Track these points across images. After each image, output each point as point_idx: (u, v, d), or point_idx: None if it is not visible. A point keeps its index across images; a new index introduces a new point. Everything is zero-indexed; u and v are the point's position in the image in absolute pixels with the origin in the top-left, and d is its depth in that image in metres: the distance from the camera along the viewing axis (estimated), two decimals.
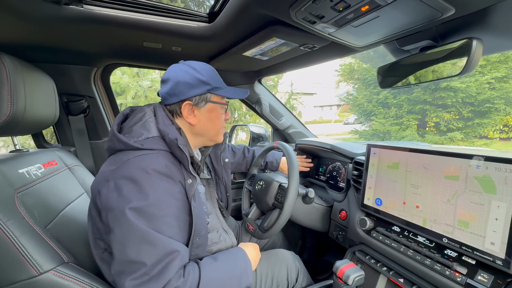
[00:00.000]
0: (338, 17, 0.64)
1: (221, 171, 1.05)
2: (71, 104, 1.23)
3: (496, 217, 0.58)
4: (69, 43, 0.99)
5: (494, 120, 7.11)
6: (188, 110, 0.75)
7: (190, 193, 0.68)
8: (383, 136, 8.19)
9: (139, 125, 0.72)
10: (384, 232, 0.85)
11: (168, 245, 0.59)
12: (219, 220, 0.90)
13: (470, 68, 0.62)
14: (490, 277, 0.59)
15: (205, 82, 0.74)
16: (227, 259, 0.72)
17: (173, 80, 0.73)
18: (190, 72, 0.74)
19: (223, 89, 0.79)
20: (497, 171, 0.59)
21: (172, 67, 0.77)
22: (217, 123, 0.81)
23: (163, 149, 0.69)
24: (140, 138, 0.68)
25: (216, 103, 0.78)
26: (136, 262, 0.57)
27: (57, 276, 0.61)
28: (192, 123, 0.77)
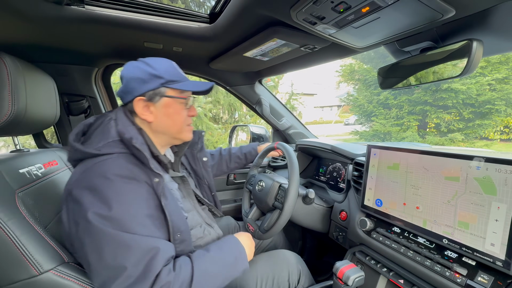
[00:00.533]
0: (339, 18, 0.64)
1: (201, 171, 1.03)
2: (72, 104, 1.23)
3: (496, 218, 0.58)
4: (70, 43, 1.00)
5: (494, 121, 7.11)
6: (143, 107, 0.72)
7: (158, 191, 0.65)
8: (383, 137, 8.19)
9: (98, 131, 0.69)
10: (384, 233, 0.85)
11: (144, 243, 0.58)
12: (201, 216, 0.88)
13: (470, 69, 0.62)
14: (490, 278, 0.59)
15: (158, 76, 0.70)
16: (219, 248, 0.71)
17: (125, 77, 0.71)
18: (142, 67, 0.71)
19: (181, 83, 0.75)
20: (497, 172, 0.59)
21: (127, 64, 0.74)
22: (177, 119, 0.76)
23: (123, 151, 0.66)
24: (99, 144, 0.65)
25: (172, 97, 0.74)
26: (116, 268, 0.55)
27: (57, 275, 0.61)
28: (149, 120, 0.73)
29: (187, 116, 0.80)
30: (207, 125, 4.42)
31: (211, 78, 1.49)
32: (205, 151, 1.06)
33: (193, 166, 1.03)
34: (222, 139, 4.70)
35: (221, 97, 4.99)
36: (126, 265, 0.55)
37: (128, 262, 0.55)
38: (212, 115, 5.19)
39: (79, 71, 1.21)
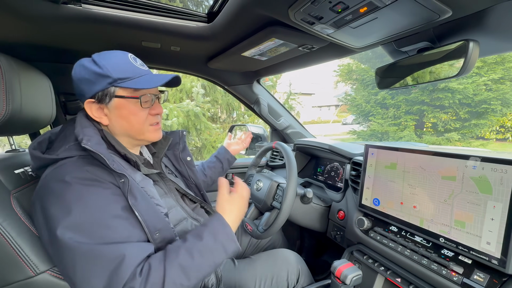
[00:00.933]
0: (337, 18, 0.65)
1: (186, 171, 0.99)
2: (69, 103, 1.22)
3: (492, 217, 0.58)
4: (67, 42, 0.99)
5: (490, 121, 7.17)
6: (97, 109, 0.67)
7: (125, 191, 0.61)
8: (381, 137, 8.23)
9: (61, 137, 0.67)
10: (381, 232, 0.86)
11: (107, 252, 0.54)
12: (186, 211, 0.85)
13: (467, 69, 0.63)
14: (486, 276, 0.59)
15: (103, 75, 0.64)
16: (198, 236, 0.63)
17: (74, 79, 0.67)
18: (87, 65, 0.65)
19: (133, 80, 0.67)
20: (493, 171, 0.59)
21: (76, 63, 0.68)
22: (134, 121, 0.70)
23: (83, 154, 0.63)
24: (59, 149, 0.63)
25: (123, 97, 0.67)
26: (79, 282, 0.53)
27: (53, 276, 0.60)
28: (104, 123, 0.69)
29: (149, 115, 0.73)
30: (205, 125, 4.41)
31: (209, 77, 1.49)
32: (187, 151, 1.02)
33: (177, 167, 0.99)
34: (220, 139, 4.70)
35: (219, 96, 4.98)
36: (88, 277, 0.52)
37: (89, 274, 0.52)
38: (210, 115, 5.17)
39: None
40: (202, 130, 4.45)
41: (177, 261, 0.57)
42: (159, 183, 0.82)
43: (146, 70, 0.72)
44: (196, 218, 0.88)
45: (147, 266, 0.56)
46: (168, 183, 0.86)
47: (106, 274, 0.52)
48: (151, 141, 0.79)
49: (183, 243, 0.61)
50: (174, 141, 0.99)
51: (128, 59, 0.69)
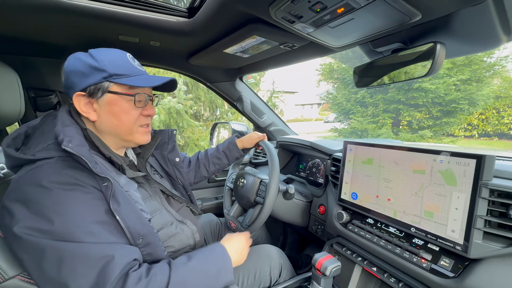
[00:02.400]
0: (316, 17, 0.66)
1: (174, 172, 0.97)
2: (39, 99, 1.15)
3: (456, 207, 0.63)
4: (36, 34, 0.93)
5: (459, 119, 7.69)
6: (85, 104, 0.64)
7: (108, 196, 0.59)
8: (361, 134, 8.54)
9: (39, 132, 0.62)
10: (359, 224, 0.90)
11: (94, 251, 0.52)
12: (171, 214, 0.83)
13: (435, 70, 0.67)
14: (451, 261, 0.64)
15: (99, 69, 0.62)
16: (202, 257, 0.66)
17: (65, 71, 0.64)
18: (83, 59, 0.63)
19: (130, 77, 0.66)
20: (458, 165, 0.64)
21: (70, 56, 0.66)
22: (124, 119, 0.68)
23: (63, 155, 0.58)
24: (38, 148, 0.58)
25: (117, 93, 0.65)
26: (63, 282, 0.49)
27: (24, 281, 0.57)
28: (91, 119, 0.66)
29: (141, 116, 0.71)
30: (188, 122, 4.33)
31: (190, 74, 1.47)
32: (177, 151, 1.00)
33: (164, 168, 0.97)
34: (204, 137, 4.63)
35: (202, 94, 4.91)
36: (73, 276, 0.50)
37: (76, 274, 0.50)
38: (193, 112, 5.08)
39: (47, 64, 1.12)
40: (184, 128, 4.37)
41: (183, 276, 0.60)
42: (144, 185, 0.79)
43: (143, 70, 0.71)
44: (182, 220, 0.86)
45: (153, 271, 0.58)
46: (153, 185, 0.83)
47: (93, 272, 0.51)
48: (138, 144, 0.76)
49: (189, 261, 0.64)
50: (163, 141, 0.96)
51: (126, 57, 0.68)
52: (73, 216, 0.53)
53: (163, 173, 0.97)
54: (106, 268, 0.52)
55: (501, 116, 8.81)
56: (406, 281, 0.74)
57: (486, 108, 8.54)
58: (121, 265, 0.54)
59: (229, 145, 1.15)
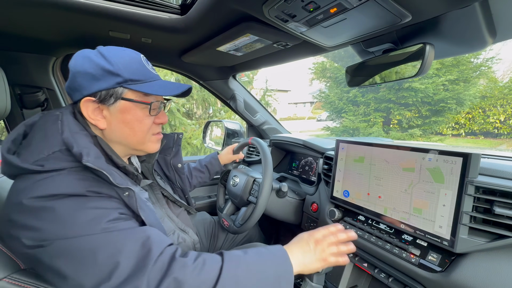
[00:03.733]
0: (309, 17, 0.67)
1: (174, 177, 0.95)
2: (25, 96, 1.11)
3: (443, 204, 0.65)
4: (23, 28, 0.90)
5: (447, 118, 7.91)
6: (94, 110, 0.58)
7: (133, 206, 0.56)
8: (352, 133, 8.67)
9: (40, 136, 0.54)
10: (351, 221, 0.92)
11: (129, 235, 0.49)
12: (173, 221, 0.81)
13: (424, 70, 0.69)
14: (438, 256, 0.67)
15: (113, 73, 0.56)
16: (260, 255, 0.56)
17: (72, 70, 0.57)
18: (94, 59, 0.56)
19: (146, 83, 0.60)
20: (445, 163, 0.66)
21: (77, 53, 0.59)
22: (137, 128, 0.62)
23: (74, 165, 0.52)
24: (42, 155, 0.51)
25: (132, 101, 0.59)
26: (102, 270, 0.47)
27: (12, 283, 0.56)
28: (100, 127, 0.60)
29: (154, 124, 0.66)
30: (180, 121, 4.29)
31: (183, 72, 1.45)
32: (180, 156, 0.97)
33: (165, 172, 0.94)
34: (196, 135, 4.60)
35: (195, 91, 4.87)
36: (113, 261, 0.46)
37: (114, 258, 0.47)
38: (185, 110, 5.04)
39: (33, 60, 1.09)
40: (177, 126, 4.32)
41: (236, 272, 0.51)
42: (149, 193, 0.77)
43: (156, 74, 0.66)
44: (184, 229, 0.85)
45: (202, 258, 0.51)
46: (156, 191, 0.81)
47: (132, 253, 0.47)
48: (148, 153, 0.70)
49: (244, 255, 0.55)
50: (167, 145, 0.93)
51: (141, 60, 0.62)
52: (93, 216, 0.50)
53: (164, 177, 0.95)
54: (144, 248, 0.48)
55: (487, 115, 9.12)
56: (395, 276, 0.76)
57: (472, 107, 8.82)
58: (159, 245, 0.50)
59: (211, 160, 1.21)
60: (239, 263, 0.53)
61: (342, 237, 0.64)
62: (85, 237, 0.47)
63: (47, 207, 0.47)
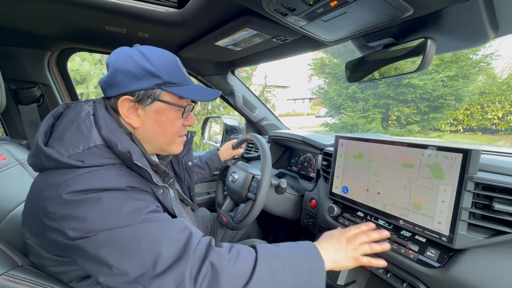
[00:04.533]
0: (309, 10, 0.65)
1: (183, 175, 0.97)
2: (20, 91, 1.10)
3: (443, 200, 0.65)
4: (18, 22, 0.88)
5: (446, 114, 7.93)
6: (129, 108, 0.60)
7: (168, 204, 0.58)
8: (351, 129, 8.68)
9: (73, 129, 0.55)
10: (349, 217, 0.92)
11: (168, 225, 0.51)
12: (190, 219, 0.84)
13: (425, 65, 0.68)
14: (437, 252, 0.67)
15: (154, 74, 0.58)
16: (292, 250, 0.57)
17: (112, 67, 0.58)
18: (136, 58, 0.58)
19: (182, 87, 0.62)
20: (445, 159, 0.66)
21: (117, 49, 0.60)
22: (168, 130, 0.64)
23: (114, 162, 0.54)
24: (78, 149, 0.52)
25: (168, 103, 0.61)
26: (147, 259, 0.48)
27: (9, 280, 0.55)
28: (134, 125, 0.61)
29: (182, 126, 0.68)
30: None
31: None
32: (191, 155, 0.98)
33: (175, 170, 0.96)
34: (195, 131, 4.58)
35: None
36: (156, 249, 0.48)
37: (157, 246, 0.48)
38: None
39: (29, 54, 1.07)
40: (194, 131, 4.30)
41: (270, 263, 0.53)
42: None
43: (190, 78, 0.68)
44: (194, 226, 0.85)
45: (236, 249, 0.53)
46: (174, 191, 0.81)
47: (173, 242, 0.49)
48: (172, 153, 0.74)
49: (277, 248, 0.57)
50: None
51: (178, 63, 0.64)
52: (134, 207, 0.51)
53: (173, 171, 0.96)
54: (184, 236, 0.51)
55: (485, 112, 9.15)
56: (394, 272, 0.76)
57: (471, 103, 8.84)
58: (197, 234, 0.53)
59: (211, 156, 1.22)
60: (274, 255, 0.54)
61: (374, 236, 0.64)
62: (128, 227, 0.49)
63: (92, 198, 0.48)
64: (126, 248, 0.48)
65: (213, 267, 0.48)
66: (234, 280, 0.49)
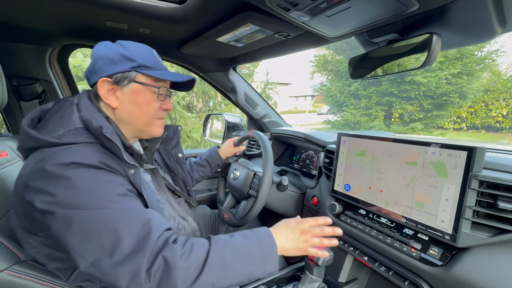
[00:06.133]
0: (312, 5, 0.64)
1: (176, 167, 0.99)
2: (22, 88, 1.10)
3: (446, 198, 0.65)
4: (19, 18, 0.88)
5: (449, 112, 7.85)
6: (108, 90, 0.65)
7: (137, 183, 0.61)
8: (353, 126, 8.63)
9: (57, 116, 0.61)
10: (351, 215, 0.91)
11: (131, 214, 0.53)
12: (174, 209, 0.85)
13: (430, 61, 0.67)
14: (440, 250, 0.66)
15: (129, 58, 0.64)
16: (245, 237, 0.60)
17: (94, 56, 0.66)
18: (114, 47, 0.66)
19: (156, 70, 0.69)
20: (449, 156, 0.65)
21: (99, 43, 0.68)
22: (145, 110, 0.69)
23: (89, 141, 0.59)
24: (58, 132, 0.57)
25: (143, 84, 0.67)
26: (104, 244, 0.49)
27: (12, 275, 0.56)
28: (113, 106, 0.66)
29: (160, 109, 0.73)
30: (180, 114, 4.26)
31: (182, 63, 1.43)
32: (180, 147, 1.01)
33: (167, 162, 0.98)
34: (196, 128, 4.58)
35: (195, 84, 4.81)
36: (115, 238, 0.50)
37: (117, 235, 0.50)
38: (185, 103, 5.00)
39: (30, 50, 1.07)
40: (177, 119, 4.30)
41: (222, 254, 0.55)
42: (152, 178, 0.81)
43: (166, 67, 0.74)
44: (184, 217, 0.87)
45: (190, 242, 0.55)
46: (159, 179, 0.85)
47: (134, 234, 0.51)
48: (152, 136, 0.77)
49: (230, 238, 0.59)
50: (168, 136, 0.96)
51: (153, 52, 0.71)
52: (103, 188, 0.54)
53: (166, 167, 0.98)
54: (145, 229, 0.52)
55: (489, 109, 9.04)
56: (396, 270, 0.76)
57: (475, 101, 8.73)
58: (159, 228, 0.54)
59: (212, 153, 1.24)
60: (225, 245, 0.57)
61: (327, 231, 0.66)
62: (93, 211, 0.51)
63: (63, 175, 0.51)
64: (87, 231, 0.50)
65: (165, 262, 0.50)
66: (186, 273, 0.51)
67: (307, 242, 0.65)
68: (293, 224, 0.67)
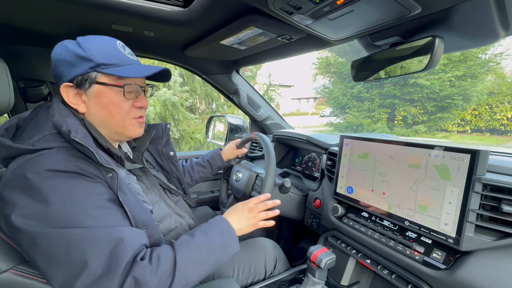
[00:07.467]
0: (315, 9, 0.65)
1: (168, 166, 0.97)
2: (29, 90, 1.12)
3: (449, 201, 0.64)
4: (26, 21, 0.89)
5: (453, 114, 7.80)
6: (74, 95, 0.62)
7: (114, 187, 0.58)
8: (356, 129, 8.60)
9: (32, 123, 0.60)
10: (354, 218, 0.91)
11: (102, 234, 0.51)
12: (170, 206, 0.84)
13: (433, 64, 0.67)
14: (443, 254, 0.66)
15: (85, 58, 0.59)
16: (206, 232, 0.63)
17: (53, 60, 0.63)
18: (70, 47, 0.60)
19: (119, 67, 0.62)
20: (452, 159, 0.65)
21: (57, 44, 0.63)
22: (115, 112, 0.65)
23: (65, 145, 0.57)
24: (34, 138, 0.56)
25: (105, 84, 0.62)
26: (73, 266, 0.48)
27: (18, 274, 0.56)
28: (80, 111, 0.64)
29: (133, 108, 0.68)
30: (183, 115, 4.28)
31: (186, 66, 1.44)
32: (171, 145, 0.99)
33: (159, 162, 0.97)
34: (199, 129, 4.60)
35: (198, 86, 4.85)
36: (85, 259, 0.48)
37: (86, 256, 0.48)
38: (188, 105, 5.03)
39: (37, 53, 1.09)
40: (180, 120, 4.32)
41: (188, 255, 0.57)
42: (142, 178, 0.80)
43: (135, 59, 0.68)
44: (180, 214, 0.87)
45: (156, 254, 0.54)
46: (150, 178, 0.83)
47: (104, 255, 0.49)
48: (131, 137, 0.74)
49: (192, 238, 0.61)
50: (157, 135, 0.95)
51: (116, 45, 0.65)
52: (77, 202, 0.52)
53: (159, 167, 0.97)
54: (117, 250, 0.50)
55: (494, 112, 8.96)
56: (398, 273, 0.75)
57: (479, 104, 8.67)
58: (132, 248, 0.52)
59: (214, 155, 1.23)
60: (189, 246, 0.59)
61: (269, 204, 0.77)
62: (62, 229, 0.49)
63: (35, 187, 0.50)
64: (54, 252, 0.49)
65: (136, 282, 0.49)
66: (159, 284, 0.51)
67: (256, 217, 0.74)
68: (241, 206, 0.75)
